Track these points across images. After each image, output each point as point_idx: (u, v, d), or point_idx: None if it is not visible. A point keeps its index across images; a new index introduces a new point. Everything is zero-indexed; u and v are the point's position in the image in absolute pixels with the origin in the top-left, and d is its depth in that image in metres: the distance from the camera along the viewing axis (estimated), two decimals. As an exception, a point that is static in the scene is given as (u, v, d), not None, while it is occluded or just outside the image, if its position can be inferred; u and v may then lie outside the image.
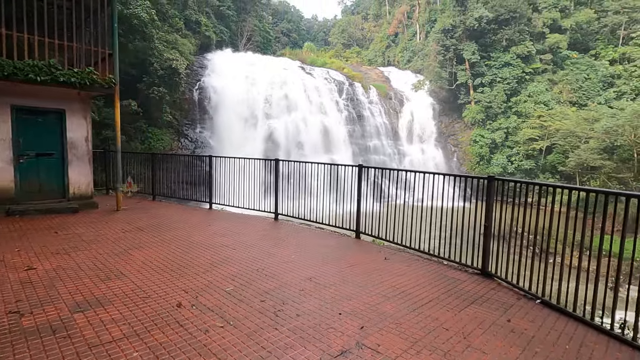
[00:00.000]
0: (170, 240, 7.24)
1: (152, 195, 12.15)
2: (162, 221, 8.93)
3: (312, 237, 8.02)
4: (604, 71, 37.57)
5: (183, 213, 10.09)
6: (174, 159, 12.19)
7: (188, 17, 38.45)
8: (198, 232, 7.99)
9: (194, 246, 6.84)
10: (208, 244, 7.05)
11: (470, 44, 38.54)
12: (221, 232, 8.03)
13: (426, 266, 6.30)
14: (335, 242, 7.66)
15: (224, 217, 9.82)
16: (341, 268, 5.96)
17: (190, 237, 7.48)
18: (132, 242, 6.97)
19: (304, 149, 33.56)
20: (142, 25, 27.56)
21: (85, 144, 10.03)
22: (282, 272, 5.63)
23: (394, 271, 5.92)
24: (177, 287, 4.85)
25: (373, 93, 39.17)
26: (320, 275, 5.55)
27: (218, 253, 6.47)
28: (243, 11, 47.74)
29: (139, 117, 29.25)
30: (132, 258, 6.01)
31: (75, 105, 9.83)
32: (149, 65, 29.68)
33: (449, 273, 5.98)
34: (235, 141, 33.55)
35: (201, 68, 36.46)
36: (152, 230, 8.02)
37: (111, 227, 8.12)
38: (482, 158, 37.47)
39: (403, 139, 39.02)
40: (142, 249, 6.53)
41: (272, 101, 34.92)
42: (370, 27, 56.40)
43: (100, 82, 9.43)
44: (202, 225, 8.64)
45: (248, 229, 8.46)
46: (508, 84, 37.88)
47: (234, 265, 5.83)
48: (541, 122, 34.91)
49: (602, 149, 29.87)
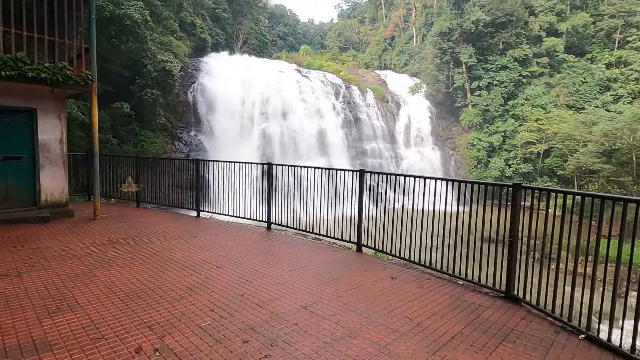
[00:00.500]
0: (146, 256, 6.25)
1: (137, 202, 11.14)
2: (141, 232, 7.93)
3: (308, 250, 7.06)
4: (600, 75, 36.99)
5: (167, 222, 9.10)
6: (159, 162, 11.20)
7: (183, 19, 37.52)
8: (180, 245, 7.01)
9: (171, 264, 5.86)
10: (189, 261, 6.07)
11: (467, 47, 37.84)
12: (206, 246, 7.05)
13: (440, 288, 5.36)
14: (334, 256, 6.71)
15: (212, 226, 8.84)
16: (342, 291, 5.01)
17: (169, 252, 6.49)
18: (101, 259, 5.98)
19: (300, 153, 32.66)
20: (135, 26, 26.61)
21: (60, 147, 9.02)
22: (273, 298, 4.67)
23: (403, 295, 4.98)
24: (141, 322, 3.88)
25: (370, 96, 38.36)
26: (318, 302, 4.60)
27: (199, 273, 5.50)
28: (239, 14, 46.84)
29: (131, 119, 28.26)
30: (95, 281, 5.02)
31: (48, 104, 8.83)
32: (142, 67, 28.72)
33: (467, 297, 5.05)
34: (230, 144, 32.60)
35: (196, 70, 35.51)
36: (128, 243, 7.02)
37: (82, 240, 7.12)
38: (480, 162, 36.69)
39: (400, 142, 38.19)
40: (110, 268, 5.54)
41: (268, 104, 34.00)
42: (367, 31, 55.68)
43: (75, 79, 8.45)
44: (186, 237, 7.66)
45: (237, 242, 7.49)
46: (505, 87, 37.20)
47: (216, 290, 4.86)
48: (539, 126, 34.21)
49: (601, 152, 29.17)
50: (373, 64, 49.40)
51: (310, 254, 6.82)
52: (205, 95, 33.46)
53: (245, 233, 8.27)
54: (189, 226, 8.74)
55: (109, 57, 28.25)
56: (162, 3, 34.08)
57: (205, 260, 6.14)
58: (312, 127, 33.35)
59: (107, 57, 28.16)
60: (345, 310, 4.38)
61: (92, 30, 8.83)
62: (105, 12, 24.86)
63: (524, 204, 4.96)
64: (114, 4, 25.42)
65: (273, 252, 6.85)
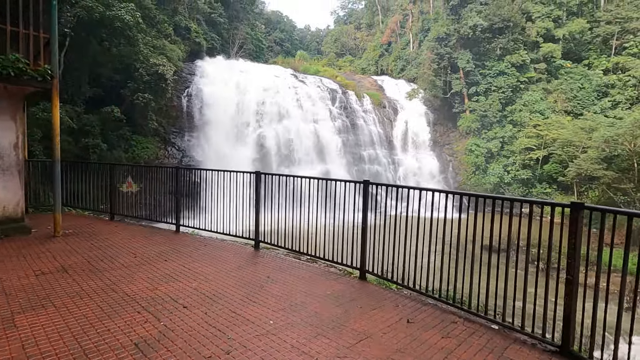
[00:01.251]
0: (96, 290, 4.87)
1: (110, 214, 9.73)
2: (103, 254, 6.55)
3: (302, 279, 5.70)
4: (598, 81, 36.07)
5: (139, 240, 7.71)
6: (137, 170, 9.79)
7: (178, 23, 36.28)
8: (145, 273, 5.63)
9: (125, 304, 4.48)
10: (149, 297, 4.70)
11: (464, 53, 36.82)
12: (177, 273, 5.68)
13: (472, 337, 4.01)
14: (333, 287, 5.36)
15: (190, 245, 7.46)
16: (344, 346, 3.67)
17: (128, 284, 5.12)
18: (36, 296, 4.59)
19: (295, 159, 31.37)
20: (127, 28, 25.27)
21: (14, 153, 7.64)
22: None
23: (428, 351, 3.64)
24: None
25: (367, 101, 37.17)
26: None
27: (157, 317, 4.13)
28: (235, 19, 45.66)
29: (122, 124, 26.88)
30: (9, 335, 3.63)
31: (1, 103, 7.46)
32: (134, 71, 27.39)
33: (511, 353, 3.71)
34: (224, 150, 31.27)
35: (190, 75, 34.21)
36: (81, 270, 5.64)
37: (25, 266, 5.72)
38: (478, 168, 35.53)
39: (398, 148, 36.98)
40: (41, 311, 4.16)
41: (263, 109, 32.74)
42: (363, 37, 54.65)
43: (31, 74, 7.09)
44: (155, 261, 6.28)
45: (216, 267, 6.13)
46: (503, 92, 36.16)
47: (174, 349, 3.49)
48: (537, 132, 33.16)
49: (602, 158, 28.10)
50: (370, 69, 48.31)
51: (305, 283, 5.47)
52: (200, 100, 32.13)
53: (228, 254, 6.89)
54: (163, 245, 7.35)
55: (99, 60, 26.95)
56: (156, 7, 32.84)
57: (171, 295, 4.77)
58: (308, 132, 32.10)
59: (98, 60, 26.86)
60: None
61: (54, 19, 7.49)
62: (95, 14, 23.56)
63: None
64: (105, 6, 24.09)
65: (259, 281, 5.49)
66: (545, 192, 33.41)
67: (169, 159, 30.51)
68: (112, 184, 9.56)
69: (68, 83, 25.70)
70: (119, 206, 9.61)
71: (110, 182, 9.59)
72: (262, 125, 32.18)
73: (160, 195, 8.68)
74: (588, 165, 27.44)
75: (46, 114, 22.34)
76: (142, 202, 8.96)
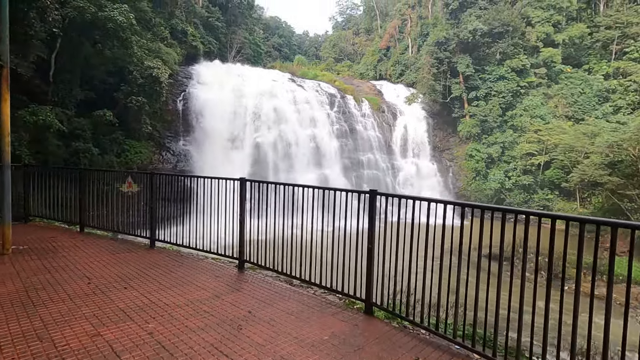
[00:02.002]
0: (12, 339, 3.58)
1: (79, 226, 8.45)
2: (50, 279, 5.26)
3: (293, 316, 4.42)
4: (598, 86, 35.07)
5: (103, 258, 6.43)
6: (108, 176, 8.50)
7: (174, 26, 35.18)
8: (90, 308, 4.35)
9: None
10: (82, 350, 3.40)
11: (464, 57, 35.78)
12: (134, 308, 4.40)
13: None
14: (332, 328, 4.09)
15: (162, 265, 6.18)
16: None
17: (62, 327, 3.83)
18: None
19: (293, 163, 30.19)
20: (119, 29, 24.09)
21: (-44, 156, 6.36)
22: None
23: None
24: None
25: (365, 106, 36.04)
26: None
27: (82, 387, 2.85)
28: (233, 24, 44.60)
29: (115, 128, 25.65)
30: None
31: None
32: (127, 74, 26.21)
33: None
34: (220, 154, 30.08)
35: (186, 78, 33.06)
36: (8, 305, 4.34)
37: (-57, 299, 4.44)
38: (479, 173, 34.35)
39: (397, 153, 35.79)
40: None
41: (260, 113, 31.60)
42: (362, 42, 53.64)
43: (-26, 62, 5.85)
44: (112, 289, 5.00)
45: (188, 295, 4.86)
46: (503, 97, 35.09)
47: None
48: (538, 137, 32.07)
49: (606, 164, 26.97)
50: (368, 74, 47.25)
51: (296, 323, 4.19)
52: (196, 104, 30.95)
53: (206, 278, 5.61)
54: (129, 265, 6.07)
55: (92, 62, 25.80)
56: (152, 10, 31.75)
57: (114, 345, 3.49)
58: (306, 137, 30.93)
59: (90, 63, 25.70)
60: None
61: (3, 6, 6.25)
62: (86, 15, 22.41)
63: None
64: (97, 6, 22.93)
65: (237, 318, 4.21)
66: (547, 199, 32.24)
67: (163, 164, 29.25)
68: (82, 191, 8.28)
69: (59, 85, 24.52)
70: (90, 216, 8.33)
71: (81, 188, 8.32)
72: (259, 130, 31.03)
73: (135, 204, 7.40)
74: (592, 170, 26.28)
75: (34, 117, 21.14)
76: (116, 211, 7.67)
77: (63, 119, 23.30)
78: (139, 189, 8.38)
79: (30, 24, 17.97)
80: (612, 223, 2.72)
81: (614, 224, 2.71)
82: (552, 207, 31.97)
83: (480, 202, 33.79)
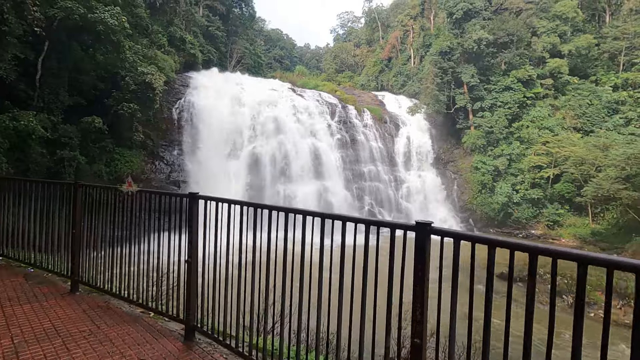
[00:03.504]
0: None
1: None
2: None
3: None
4: (607, 97, 33.21)
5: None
6: (20, 186, 6.24)
7: (172, 33, 33.63)
8: None
9: None
10: None
11: (468, 67, 34.07)
12: None
13: None
14: None
15: (62, 331, 4.01)
16: None
17: None
18: None
19: (292, 175, 28.16)
20: (111, 32, 22.28)
21: None
22: None
23: None
24: None
25: (367, 116, 34.20)
26: None
27: None
28: (234, 34, 43.23)
29: (105, 135, 23.75)
30: None
31: None
32: (120, 80, 24.40)
33: None
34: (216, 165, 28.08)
35: (183, 86, 31.28)
36: None
37: None
38: (485, 186, 32.20)
39: (400, 164, 33.78)
40: None
41: (259, 122, 29.74)
42: (363, 53, 52.22)
43: None
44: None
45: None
46: (509, 108, 33.21)
47: None
48: (547, 149, 30.05)
49: (623, 177, 24.84)
50: (370, 85, 45.62)
51: None
52: (192, 113, 29.11)
53: (134, 353, 3.45)
54: (15, 327, 3.91)
55: (82, 67, 24.07)
56: (149, 16, 30.20)
57: None
58: (305, 147, 28.98)
59: (80, 67, 23.97)
60: None
61: None
62: (75, 16, 20.64)
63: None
64: (87, 8, 21.17)
65: None
66: (557, 213, 30.02)
67: (155, 173, 27.27)
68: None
69: (45, 90, 22.65)
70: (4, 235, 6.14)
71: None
72: (257, 139, 29.13)
73: (55, 228, 5.25)
74: (609, 184, 24.13)
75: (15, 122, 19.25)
76: (28, 234, 5.51)
77: (48, 125, 21.37)
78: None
79: (4, 19, 16.12)
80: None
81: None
82: (562, 222, 29.77)
83: (487, 216, 31.61)
